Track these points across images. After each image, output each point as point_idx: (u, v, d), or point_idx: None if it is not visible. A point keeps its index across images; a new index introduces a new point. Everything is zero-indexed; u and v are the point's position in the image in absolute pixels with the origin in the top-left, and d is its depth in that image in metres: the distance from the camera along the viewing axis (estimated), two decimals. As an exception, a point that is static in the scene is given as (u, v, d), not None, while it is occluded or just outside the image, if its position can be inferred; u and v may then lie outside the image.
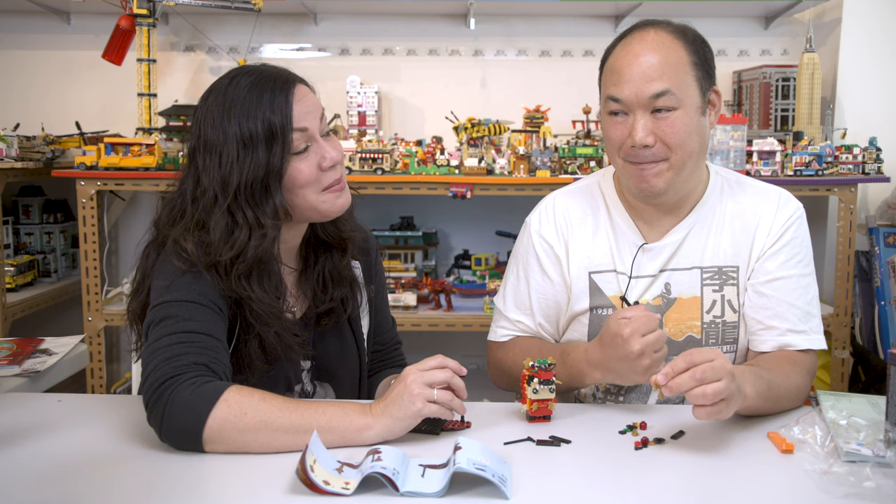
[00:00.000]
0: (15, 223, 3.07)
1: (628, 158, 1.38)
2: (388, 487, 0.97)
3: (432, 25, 3.23)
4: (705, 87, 1.37)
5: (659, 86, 1.32)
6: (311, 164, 1.26)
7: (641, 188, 1.38)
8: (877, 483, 0.99)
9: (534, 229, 1.53)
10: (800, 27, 3.18)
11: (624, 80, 1.34)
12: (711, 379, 1.09)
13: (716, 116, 1.42)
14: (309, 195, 1.27)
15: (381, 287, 1.56)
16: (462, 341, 3.09)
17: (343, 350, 1.44)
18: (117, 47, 2.92)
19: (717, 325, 1.44)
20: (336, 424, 1.11)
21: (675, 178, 1.37)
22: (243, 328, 1.26)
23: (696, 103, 1.35)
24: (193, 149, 1.28)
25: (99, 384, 2.81)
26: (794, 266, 1.43)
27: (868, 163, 2.75)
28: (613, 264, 1.46)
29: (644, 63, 1.33)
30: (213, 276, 1.22)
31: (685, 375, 1.10)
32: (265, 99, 1.23)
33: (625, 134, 1.36)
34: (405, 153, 2.76)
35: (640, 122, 1.34)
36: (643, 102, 1.33)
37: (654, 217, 1.47)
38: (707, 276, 1.45)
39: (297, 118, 1.25)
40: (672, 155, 1.35)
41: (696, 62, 1.36)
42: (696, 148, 1.37)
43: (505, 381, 1.54)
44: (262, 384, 1.16)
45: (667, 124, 1.33)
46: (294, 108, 1.25)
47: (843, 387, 2.79)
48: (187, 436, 1.08)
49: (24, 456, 1.10)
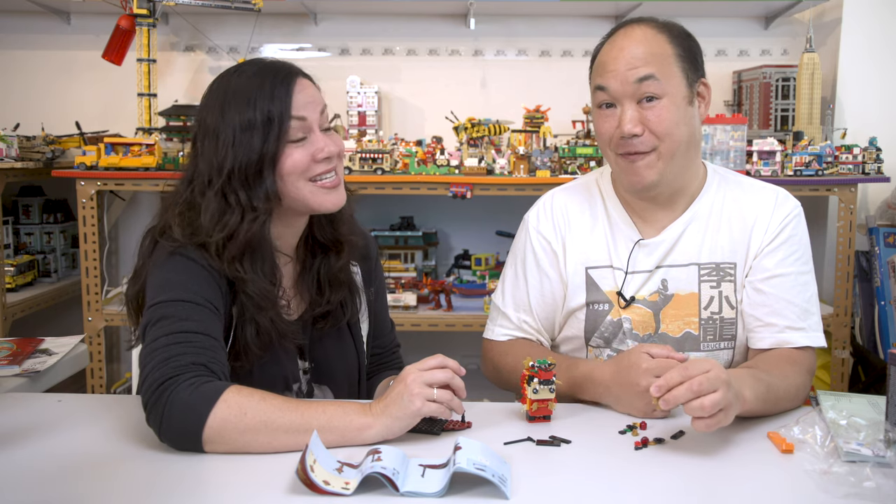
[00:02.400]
0: (15, 223, 3.07)
1: (618, 150, 1.39)
2: (388, 487, 0.97)
3: (432, 25, 3.23)
4: (692, 78, 1.40)
5: (643, 70, 1.35)
6: (305, 154, 1.28)
7: (633, 182, 1.40)
8: (877, 483, 0.99)
9: (532, 226, 1.53)
10: (800, 27, 3.18)
11: (609, 71, 1.37)
12: (708, 390, 1.09)
13: (706, 108, 1.44)
14: (300, 185, 1.28)
15: (381, 290, 1.56)
16: (462, 341, 3.08)
17: (342, 353, 1.44)
18: (117, 47, 2.92)
19: (715, 321, 1.44)
20: (336, 424, 1.11)
21: (665, 168, 1.39)
22: (240, 312, 1.27)
23: (683, 93, 1.38)
24: (195, 135, 1.31)
25: (99, 384, 2.81)
26: (793, 263, 1.43)
27: (868, 163, 2.76)
28: (610, 260, 1.47)
29: (629, 54, 1.36)
30: (204, 256, 1.23)
31: (682, 388, 1.09)
32: (267, 87, 1.26)
33: (613, 126, 1.39)
34: (405, 153, 2.76)
35: (628, 113, 1.36)
36: (629, 91, 1.36)
37: (651, 213, 1.47)
38: (704, 273, 1.45)
39: (297, 107, 1.27)
40: (661, 144, 1.37)
41: (680, 54, 1.39)
42: (684, 137, 1.39)
43: (502, 381, 1.53)
44: (260, 384, 1.16)
45: (653, 113, 1.36)
46: (294, 98, 1.27)
47: (843, 387, 2.79)
48: (187, 436, 1.08)
49: (24, 456, 1.10)
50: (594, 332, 1.47)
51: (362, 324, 1.49)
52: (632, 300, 1.45)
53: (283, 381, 1.35)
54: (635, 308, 1.45)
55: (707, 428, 1.10)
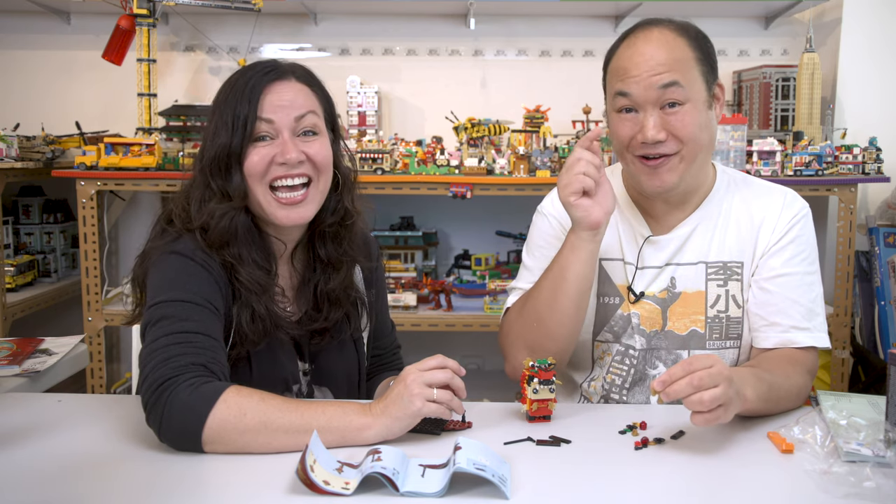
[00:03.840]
0: (15, 223, 3.07)
1: (637, 152, 1.39)
2: (388, 487, 0.97)
3: (432, 25, 3.23)
4: (710, 81, 1.40)
5: (668, 77, 1.33)
6: (264, 156, 1.29)
7: (654, 185, 1.40)
8: (877, 483, 0.99)
9: (547, 211, 1.54)
10: (800, 27, 3.18)
11: (632, 77, 1.35)
12: (709, 385, 1.09)
13: (720, 110, 1.44)
14: (260, 190, 1.30)
15: (382, 292, 1.56)
16: (462, 341, 3.09)
17: (342, 356, 1.44)
18: (117, 47, 2.92)
19: (721, 319, 1.45)
20: (336, 424, 1.11)
21: (686, 171, 1.39)
22: (236, 296, 1.28)
23: (704, 97, 1.38)
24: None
25: (99, 384, 2.81)
26: (799, 264, 1.43)
27: (868, 163, 2.75)
28: (622, 254, 1.48)
29: (651, 59, 1.35)
30: (201, 250, 1.26)
31: (683, 382, 1.09)
32: (246, 85, 1.29)
33: (634, 131, 1.37)
34: (405, 153, 2.76)
35: (651, 119, 1.35)
36: (652, 97, 1.34)
37: (662, 212, 1.48)
38: (712, 271, 1.45)
39: (265, 108, 1.28)
40: (684, 148, 1.37)
41: (700, 58, 1.38)
42: (706, 141, 1.39)
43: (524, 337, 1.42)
44: (260, 385, 1.16)
45: (677, 119, 1.35)
46: (265, 98, 1.28)
47: (843, 387, 2.79)
48: (187, 436, 1.08)
49: (24, 456, 1.10)
50: (604, 325, 1.47)
51: (363, 331, 1.48)
52: (641, 295, 1.45)
53: (283, 382, 1.35)
54: (644, 304, 1.45)
55: (705, 423, 1.10)
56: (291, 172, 1.30)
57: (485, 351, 3.21)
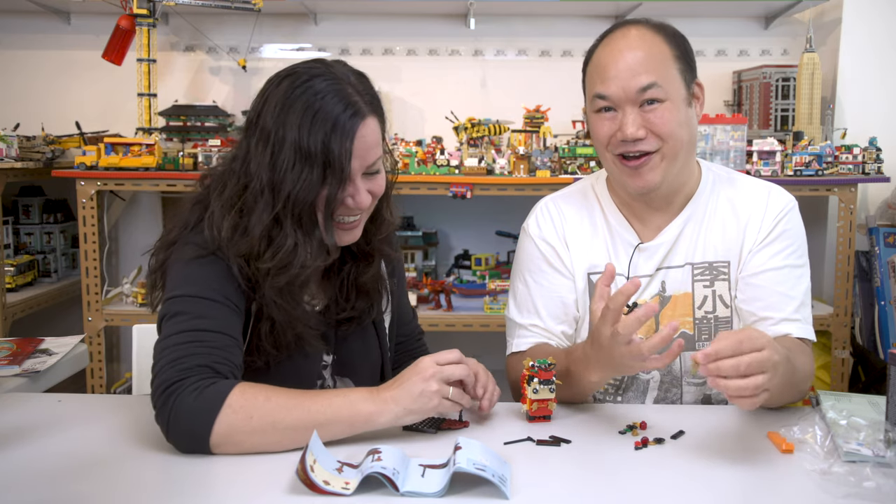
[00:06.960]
0: (15, 223, 3.07)
1: (617, 151, 1.38)
2: (388, 487, 0.97)
3: (432, 25, 3.23)
4: (689, 79, 1.40)
5: (646, 79, 1.33)
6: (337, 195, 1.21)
7: (636, 185, 1.39)
8: (877, 483, 0.99)
9: (533, 233, 1.52)
10: (800, 27, 3.18)
11: (610, 77, 1.36)
12: (756, 372, 1.05)
13: (700, 109, 1.44)
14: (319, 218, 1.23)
15: (402, 279, 1.55)
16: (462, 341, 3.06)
17: (365, 347, 1.43)
18: (117, 47, 2.92)
19: (709, 320, 1.44)
20: (344, 415, 1.11)
21: (668, 169, 1.38)
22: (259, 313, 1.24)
23: (682, 95, 1.38)
24: (250, 122, 1.24)
25: (99, 384, 2.81)
26: (787, 257, 1.43)
27: (868, 163, 2.76)
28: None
29: (629, 58, 1.35)
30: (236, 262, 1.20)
31: (728, 363, 1.04)
32: (333, 118, 1.18)
33: (613, 129, 1.37)
34: (405, 153, 2.76)
35: (630, 117, 1.35)
36: (631, 97, 1.35)
37: (648, 214, 1.47)
38: (698, 272, 1.45)
39: (356, 153, 1.20)
40: (664, 145, 1.36)
41: (678, 56, 1.38)
42: (686, 138, 1.38)
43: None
44: (283, 380, 1.15)
45: (656, 116, 1.35)
46: (356, 143, 1.19)
47: (843, 387, 2.79)
48: (195, 441, 1.08)
49: (24, 456, 1.10)
50: None
51: (385, 316, 1.47)
52: (634, 305, 1.44)
53: (307, 377, 1.34)
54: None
55: (751, 406, 1.07)
56: (355, 211, 1.26)
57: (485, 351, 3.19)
